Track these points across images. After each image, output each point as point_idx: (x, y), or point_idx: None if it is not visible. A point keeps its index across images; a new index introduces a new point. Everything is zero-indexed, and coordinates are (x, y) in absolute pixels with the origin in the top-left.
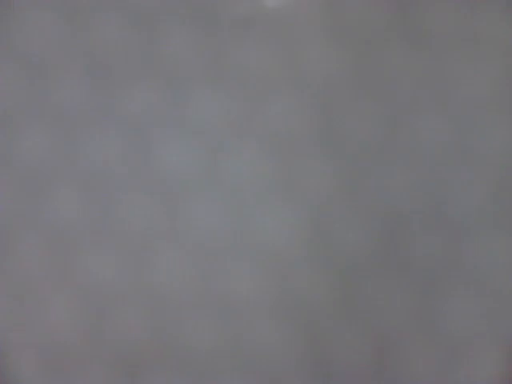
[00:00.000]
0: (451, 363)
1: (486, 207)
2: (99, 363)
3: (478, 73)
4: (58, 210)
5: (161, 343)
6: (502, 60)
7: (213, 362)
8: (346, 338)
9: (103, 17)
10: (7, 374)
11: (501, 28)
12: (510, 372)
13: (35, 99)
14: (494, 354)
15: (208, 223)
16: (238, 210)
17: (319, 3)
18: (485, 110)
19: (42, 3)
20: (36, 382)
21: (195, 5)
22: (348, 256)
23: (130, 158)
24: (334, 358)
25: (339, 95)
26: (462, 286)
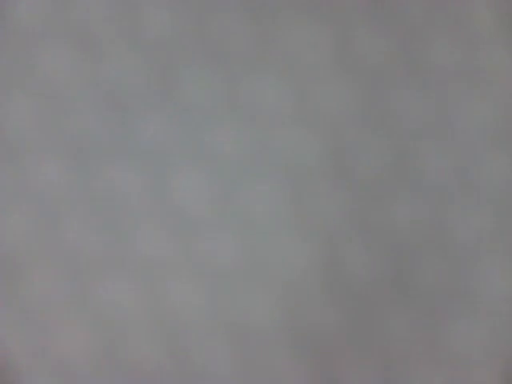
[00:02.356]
0: (454, 380)
1: (485, 237)
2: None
3: (480, 105)
4: (73, 237)
5: (174, 367)
6: (502, 93)
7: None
8: (357, 359)
9: (116, 49)
10: None
11: (501, 61)
12: None
13: (49, 131)
14: (494, 373)
15: (222, 255)
16: (252, 242)
17: (329, 45)
18: (486, 141)
19: (54, 36)
20: None
21: (208, 41)
22: (358, 283)
23: (144, 189)
24: (345, 379)
25: (348, 130)
26: (463, 309)
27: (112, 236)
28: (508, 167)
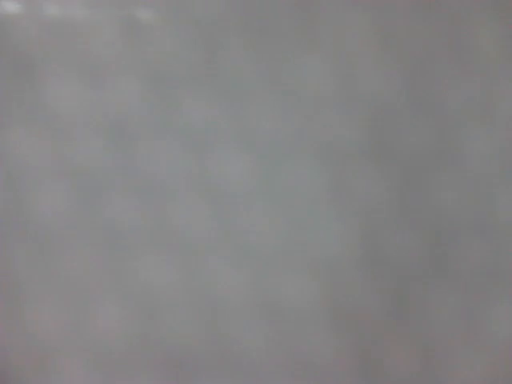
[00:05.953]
0: (495, 365)
1: None
2: (148, 366)
3: None
4: (111, 214)
5: (211, 347)
6: None
7: (264, 365)
8: (396, 341)
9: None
10: (52, 377)
11: None
12: None
13: (90, 107)
14: None
15: (263, 234)
16: (291, 221)
17: (371, 20)
18: None
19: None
20: None
21: (252, 18)
22: (398, 264)
23: (184, 168)
24: (384, 363)
25: (390, 110)
26: (505, 293)
27: (150, 213)
28: None
